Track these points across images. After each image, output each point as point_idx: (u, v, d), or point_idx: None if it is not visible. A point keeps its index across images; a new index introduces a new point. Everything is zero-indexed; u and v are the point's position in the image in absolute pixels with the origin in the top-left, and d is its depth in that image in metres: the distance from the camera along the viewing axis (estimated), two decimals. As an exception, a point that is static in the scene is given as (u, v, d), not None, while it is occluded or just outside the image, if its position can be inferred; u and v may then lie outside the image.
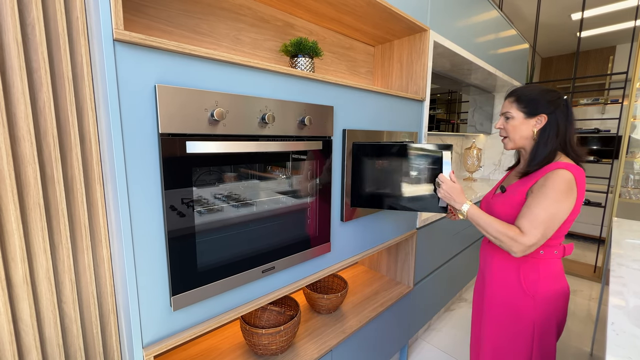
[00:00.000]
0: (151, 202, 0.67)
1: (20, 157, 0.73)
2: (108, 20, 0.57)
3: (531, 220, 0.84)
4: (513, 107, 0.96)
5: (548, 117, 0.92)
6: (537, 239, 0.83)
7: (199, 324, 0.79)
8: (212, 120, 0.71)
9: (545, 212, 0.83)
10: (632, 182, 2.78)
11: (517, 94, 0.96)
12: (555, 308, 0.96)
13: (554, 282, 0.95)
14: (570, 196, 0.84)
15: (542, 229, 0.83)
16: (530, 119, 0.93)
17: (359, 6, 1.18)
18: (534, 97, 0.93)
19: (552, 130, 0.91)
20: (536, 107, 0.92)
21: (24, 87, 0.71)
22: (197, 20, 1.01)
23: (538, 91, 0.94)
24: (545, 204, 0.84)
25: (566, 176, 0.84)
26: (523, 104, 0.94)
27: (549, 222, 0.83)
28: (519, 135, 0.96)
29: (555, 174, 0.85)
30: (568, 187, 0.84)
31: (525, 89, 0.96)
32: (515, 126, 0.95)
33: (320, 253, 1.07)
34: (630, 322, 0.73)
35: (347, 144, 1.10)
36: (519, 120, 0.95)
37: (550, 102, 0.91)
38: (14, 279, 0.74)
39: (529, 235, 0.83)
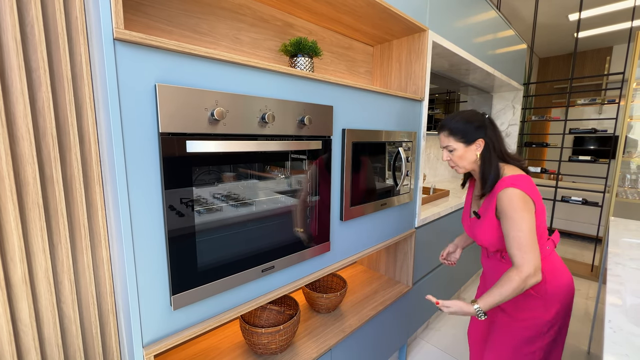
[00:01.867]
0: (151, 202, 0.67)
1: (19, 156, 0.72)
2: (108, 19, 0.57)
3: (517, 248, 0.87)
4: (451, 140, 1.02)
5: (484, 139, 0.99)
6: (534, 260, 0.86)
7: (199, 323, 0.79)
8: (212, 119, 0.71)
9: (522, 233, 0.87)
10: (629, 181, 2.80)
11: (449, 127, 1.02)
12: (563, 303, 0.97)
13: (559, 276, 0.97)
14: (528, 207, 0.89)
15: (530, 249, 0.86)
16: (471, 146, 1.00)
17: (358, 6, 1.18)
18: (465, 127, 1.00)
19: (490, 150, 0.99)
20: (470, 134, 1.00)
21: (23, 87, 0.71)
22: (196, 20, 1.01)
23: (465, 120, 1.01)
24: (516, 227, 0.87)
25: (516, 193, 0.89)
26: (459, 135, 1.00)
27: (530, 239, 0.87)
28: (467, 162, 1.03)
29: (505, 195, 0.90)
30: (523, 202, 0.89)
31: (454, 120, 1.02)
32: (460, 156, 1.02)
33: (319, 252, 1.08)
34: (627, 320, 0.74)
35: (347, 143, 1.11)
36: (461, 150, 1.01)
37: (479, 127, 0.99)
38: (12, 279, 0.73)
39: (526, 264, 0.86)
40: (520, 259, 0.86)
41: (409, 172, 1.47)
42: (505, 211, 0.90)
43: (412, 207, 1.59)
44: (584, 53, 5.08)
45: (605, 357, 0.62)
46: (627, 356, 0.62)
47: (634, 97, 2.68)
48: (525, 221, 0.87)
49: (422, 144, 1.55)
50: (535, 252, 0.86)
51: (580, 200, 2.93)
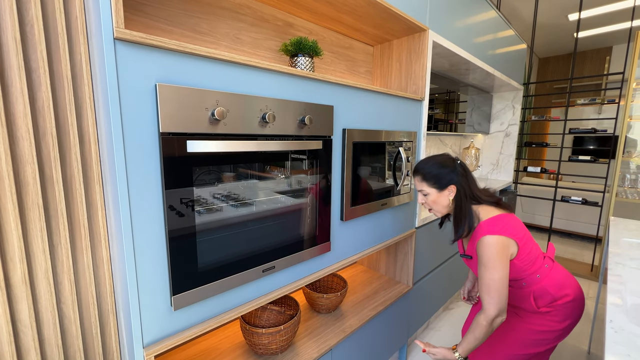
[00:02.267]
0: (151, 202, 0.67)
1: (19, 156, 0.72)
2: (109, 18, 0.56)
3: (487, 292, 0.93)
4: (424, 185, 1.05)
5: (456, 185, 1.02)
6: (498, 304, 0.91)
7: (200, 323, 0.79)
8: (213, 119, 0.71)
9: (491, 281, 0.91)
10: (629, 181, 2.80)
11: (422, 173, 1.05)
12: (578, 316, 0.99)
13: (566, 290, 0.99)
14: (503, 254, 0.92)
15: (495, 295, 0.91)
16: (443, 191, 1.03)
17: (359, 6, 1.18)
18: (437, 173, 1.03)
19: (462, 195, 1.02)
20: (443, 181, 1.02)
21: (23, 87, 0.71)
22: (197, 20, 1.00)
23: (437, 165, 1.04)
24: (489, 275, 0.92)
25: (492, 242, 0.92)
26: (432, 181, 1.03)
27: (500, 286, 0.91)
28: (441, 206, 1.05)
29: (482, 245, 0.94)
30: (498, 249, 0.92)
31: (426, 165, 1.05)
32: (434, 200, 1.05)
33: (320, 252, 1.08)
34: (628, 320, 0.74)
35: (347, 143, 1.11)
36: (434, 195, 1.04)
37: (450, 172, 1.02)
38: (12, 279, 0.73)
39: (491, 308, 0.91)
40: (487, 303, 0.92)
41: (409, 172, 1.47)
42: (481, 259, 0.94)
43: (413, 207, 1.59)
44: (583, 53, 5.08)
45: (607, 357, 0.62)
46: (629, 356, 0.62)
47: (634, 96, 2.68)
48: (497, 270, 0.91)
49: (422, 143, 1.55)
50: (501, 297, 0.91)
51: (580, 200, 2.93)
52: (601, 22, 3.96)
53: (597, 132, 3.00)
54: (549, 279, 0.99)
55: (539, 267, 0.99)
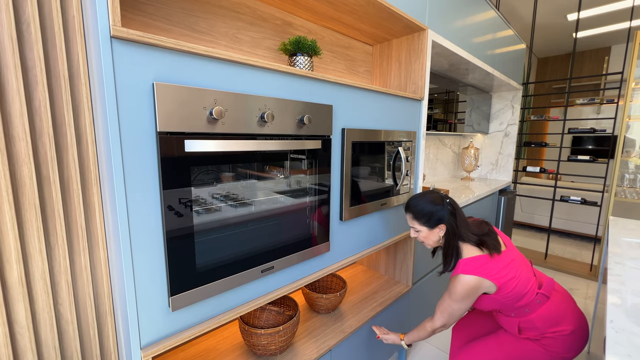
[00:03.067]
0: (149, 202, 0.66)
1: (15, 156, 0.71)
2: (105, 16, 0.56)
3: (441, 311, 1.06)
4: (415, 223, 1.10)
5: (445, 224, 1.06)
6: (445, 322, 1.06)
7: (198, 324, 0.78)
8: (211, 118, 0.70)
9: (448, 307, 1.04)
10: (628, 181, 2.80)
11: (413, 211, 1.10)
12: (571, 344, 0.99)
13: (557, 325, 0.99)
14: (469, 295, 0.99)
15: (447, 316, 1.05)
16: (434, 229, 1.08)
17: (358, 5, 1.18)
18: (427, 212, 1.07)
19: (451, 233, 1.06)
20: (432, 219, 1.07)
21: (19, 86, 0.70)
22: (195, 19, 1.00)
23: (427, 204, 1.08)
24: (448, 302, 1.03)
25: (461, 280, 0.99)
26: (422, 220, 1.08)
27: (451, 313, 1.04)
28: (432, 241, 1.11)
29: (455, 280, 1.01)
30: (466, 290, 0.98)
31: (417, 203, 1.10)
32: (425, 237, 1.11)
33: (319, 253, 1.07)
34: (628, 320, 0.74)
35: (346, 143, 1.10)
36: (425, 232, 1.09)
37: (440, 210, 1.06)
38: (9, 280, 0.72)
39: (437, 321, 1.07)
40: (438, 317, 1.07)
41: (409, 171, 1.46)
42: (451, 290, 1.02)
43: (412, 207, 1.58)
44: (582, 53, 5.09)
45: (607, 357, 0.62)
46: (629, 356, 0.62)
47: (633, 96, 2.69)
48: (458, 303, 1.01)
49: (421, 143, 1.55)
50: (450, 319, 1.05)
51: (579, 200, 2.93)
52: (600, 22, 3.96)
53: (596, 132, 3.01)
54: (539, 314, 1.00)
55: (529, 302, 1.00)
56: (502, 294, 0.98)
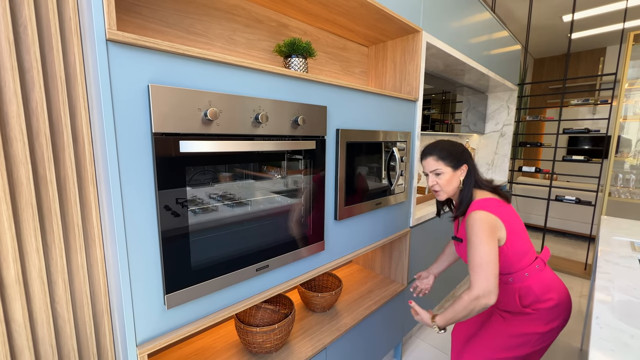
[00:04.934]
0: (145, 202, 0.67)
1: (13, 157, 0.72)
2: (101, 20, 0.57)
3: (472, 270, 0.91)
4: (440, 164, 1.05)
5: (468, 165, 1.05)
6: (484, 283, 0.88)
7: (193, 322, 0.79)
8: (206, 119, 0.71)
9: (478, 258, 0.90)
10: (621, 181, 2.83)
11: (437, 152, 1.05)
12: (560, 319, 1.00)
13: (554, 293, 0.99)
14: (490, 231, 0.92)
15: (483, 273, 0.88)
16: (457, 171, 1.05)
17: (352, 7, 1.19)
18: (453, 152, 1.04)
19: (471, 176, 1.05)
20: (458, 160, 1.04)
21: (16, 87, 0.71)
22: (191, 20, 1.01)
23: (451, 145, 1.06)
24: (474, 250, 0.91)
25: (480, 217, 0.93)
26: (448, 160, 1.04)
27: (486, 264, 0.89)
28: (452, 187, 1.06)
29: (471, 218, 0.95)
30: (485, 225, 0.92)
31: (441, 146, 1.06)
32: (448, 180, 1.05)
33: (314, 252, 1.08)
34: (614, 316, 0.76)
35: (341, 143, 1.12)
36: (449, 174, 1.04)
37: (463, 152, 1.05)
38: (6, 279, 0.73)
39: (475, 285, 0.89)
40: (472, 280, 0.90)
41: (404, 171, 1.48)
42: (469, 236, 0.94)
43: (407, 206, 1.60)
44: (578, 54, 5.13)
45: (591, 352, 0.63)
46: (612, 351, 0.63)
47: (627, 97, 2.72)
48: (483, 245, 0.90)
49: (416, 143, 1.57)
50: (487, 275, 0.87)
51: (573, 200, 2.96)
52: (595, 23, 4.00)
53: (590, 132, 3.04)
54: (536, 279, 1.00)
55: (528, 265, 1.00)
56: (510, 245, 0.97)
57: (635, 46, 2.58)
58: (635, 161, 2.82)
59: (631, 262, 1.10)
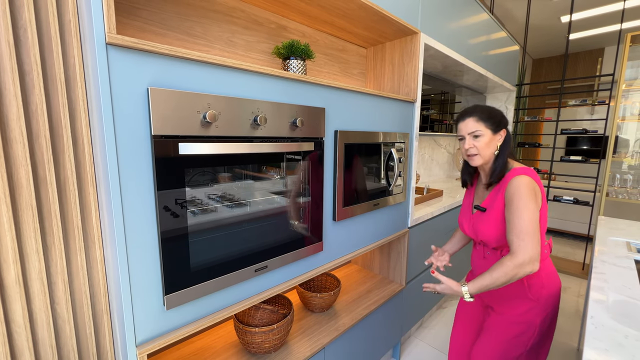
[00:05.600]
0: (144, 203, 0.68)
1: (13, 159, 0.73)
2: (100, 24, 0.58)
3: (516, 235, 0.87)
4: (481, 125, 0.99)
5: (507, 131, 1.01)
6: (530, 248, 0.85)
7: (193, 322, 0.80)
8: (205, 122, 0.72)
9: (523, 221, 0.87)
10: (619, 181, 2.85)
11: (479, 113, 1.01)
12: (554, 306, 1.00)
13: (553, 280, 0.99)
14: (535, 197, 0.90)
15: (527, 237, 0.86)
16: (496, 135, 1.00)
17: (350, 9, 1.20)
18: (494, 115, 1.00)
19: (508, 143, 1.01)
20: (499, 123, 1.00)
21: (16, 90, 0.71)
22: (190, 23, 1.01)
23: (492, 109, 1.02)
24: (518, 214, 0.88)
25: (525, 181, 0.91)
26: (489, 122, 0.99)
27: (530, 227, 0.86)
28: (490, 151, 1.00)
29: (516, 181, 0.92)
30: (531, 190, 0.90)
31: (481, 108, 1.02)
32: (486, 143, 1.00)
33: (312, 252, 1.09)
34: (609, 316, 0.77)
35: (339, 144, 1.12)
36: (489, 136, 0.99)
37: (503, 117, 1.01)
38: (6, 280, 0.74)
39: (521, 251, 0.85)
40: (516, 246, 0.86)
41: (402, 172, 1.49)
42: (511, 198, 0.91)
43: (405, 207, 1.61)
44: (576, 54, 5.15)
45: (585, 351, 0.64)
46: (606, 351, 0.64)
47: (624, 98, 2.73)
48: (528, 210, 0.87)
49: (414, 144, 1.58)
50: (533, 241, 0.85)
51: (571, 200, 2.97)
52: (592, 24, 4.02)
53: (587, 133, 3.05)
54: (545, 264, 0.99)
55: (543, 246, 0.97)
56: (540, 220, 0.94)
57: (632, 47, 2.60)
58: (632, 161, 2.84)
59: (627, 262, 1.11)
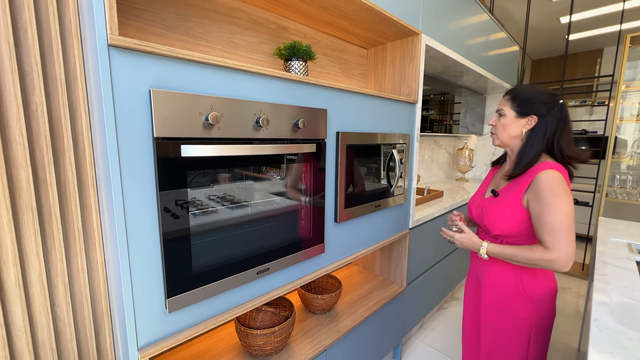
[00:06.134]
0: (146, 205, 0.67)
1: (13, 160, 0.72)
2: (103, 25, 0.57)
3: (549, 232, 0.84)
4: (507, 105, 0.96)
5: (538, 118, 0.92)
6: (567, 247, 0.81)
7: (194, 325, 0.79)
8: (207, 124, 0.71)
9: (557, 219, 0.82)
10: (618, 181, 2.85)
11: (514, 93, 0.96)
12: (549, 307, 0.98)
13: (548, 281, 0.98)
14: (566, 192, 0.84)
15: (564, 234, 0.82)
16: (521, 119, 0.93)
17: (352, 10, 1.20)
18: (529, 98, 0.92)
19: (540, 133, 0.91)
20: (529, 107, 0.92)
21: (16, 90, 0.71)
22: (191, 24, 1.01)
23: (535, 92, 0.93)
24: (552, 211, 0.83)
25: (554, 175, 0.85)
26: (517, 103, 0.94)
27: (565, 226, 0.82)
28: (507, 134, 0.96)
29: (545, 176, 0.86)
30: (562, 185, 0.84)
31: (524, 88, 0.96)
32: (505, 124, 0.96)
33: (314, 254, 1.09)
34: (612, 318, 0.76)
35: (341, 146, 1.12)
36: (510, 118, 0.95)
37: (544, 104, 0.91)
38: (6, 283, 0.73)
39: (557, 248, 0.82)
40: (550, 244, 0.83)
41: (403, 173, 1.49)
42: (541, 193, 0.85)
43: (406, 208, 1.61)
44: (575, 55, 5.16)
45: (590, 354, 0.64)
46: (611, 354, 0.64)
47: (623, 98, 2.74)
48: (562, 207, 0.82)
49: (415, 145, 1.57)
50: (568, 239, 0.81)
51: (571, 200, 2.97)
52: (592, 25, 4.03)
53: (587, 134, 3.06)
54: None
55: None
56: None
57: (631, 48, 2.61)
58: (632, 162, 2.85)
59: (628, 263, 1.11)
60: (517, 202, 0.92)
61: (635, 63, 2.71)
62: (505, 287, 1.00)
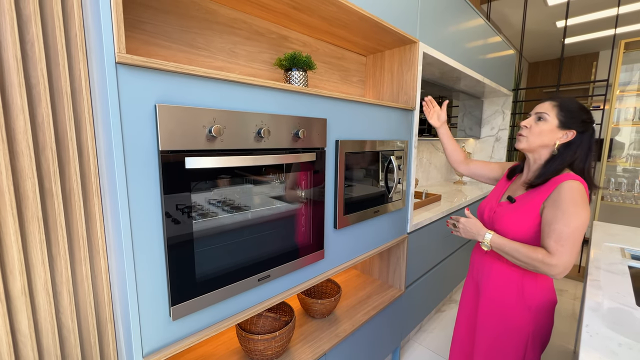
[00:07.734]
0: (151, 215, 0.69)
1: (19, 171, 0.74)
2: (110, 43, 0.59)
3: (556, 240, 0.83)
4: (552, 112, 0.93)
5: (576, 134, 0.91)
6: (568, 257, 0.82)
7: (197, 332, 0.81)
8: (210, 136, 0.73)
9: (568, 228, 0.82)
10: (614, 185, 2.89)
11: (561, 101, 0.94)
12: (548, 319, 1.00)
13: (548, 293, 0.99)
14: (586, 206, 0.84)
15: (569, 245, 0.82)
16: (560, 130, 0.92)
17: (351, 21, 1.22)
18: (574, 111, 0.91)
19: (573, 149, 0.91)
20: (572, 121, 0.91)
21: (24, 103, 0.72)
22: (193, 35, 1.03)
23: (578, 107, 0.93)
24: (566, 220, 0.83)
25: (579, 187, 0.85)
26: (563, 113, 0.92)
27: (574, 237, 0.82)
28: (540, 141, 0.94)
29: (568, 186, 0.85)
30: (583, 198, 0.84)
31: (569, 100, 0.94)
32: (542, 130, 0.93)
33: (314, 260, 1.11)
34: (604, 324, 0.79)
35: (340, 153, 1.14)
36: (551, 126, 0.92)
37: (584, 122, 0.91)
38: (12, 291, 0.75)
39: (559, 256, 0.82)
40: (555, 249, 0.83)
41: (401, 179, 1.51)
42: (561, 201, 0.85)
43: (405, 213, 1.63)
44: (572, 58, 5.21)
45: None
46: None
47: (619, 102, 2.78)
48: (577, 218, 0.81)
49: (413, 152, 1.60)
50: (572, 249, 0.81)
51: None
52: (587, 29, 4.08)
53: (583, 137, 3.09)
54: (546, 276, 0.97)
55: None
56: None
57: (626, 53, 2.65)
58: (627, 165, 2.89)
59: (621, 268, 1.14)
60: (534, 210, 0.92)
61: (630, 67, 2.75)
62: (506, 294, 1.02)
